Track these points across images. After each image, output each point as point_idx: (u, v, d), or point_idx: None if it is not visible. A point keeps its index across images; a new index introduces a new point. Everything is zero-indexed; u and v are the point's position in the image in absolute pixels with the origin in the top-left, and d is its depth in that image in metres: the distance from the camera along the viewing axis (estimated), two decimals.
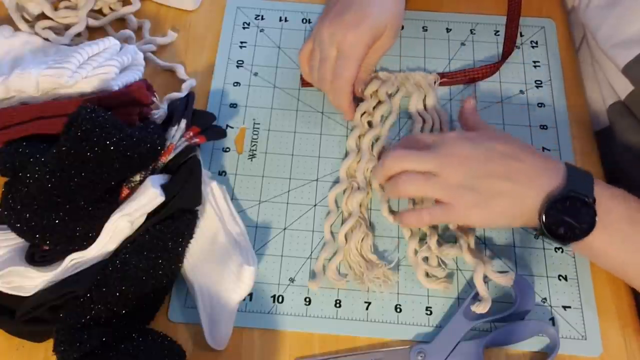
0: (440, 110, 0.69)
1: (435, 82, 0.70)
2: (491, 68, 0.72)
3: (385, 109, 0.68)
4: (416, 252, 0.60)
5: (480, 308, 0.56)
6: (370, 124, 0.67)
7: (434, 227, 0.61)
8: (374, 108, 0.68)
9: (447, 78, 0.71)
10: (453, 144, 0.56)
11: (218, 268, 0.56)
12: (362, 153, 0.65)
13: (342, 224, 0.61)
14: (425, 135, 0.61)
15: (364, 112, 0.68)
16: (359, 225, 0.61)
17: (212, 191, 0.60)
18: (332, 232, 0.62)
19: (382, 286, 0.59)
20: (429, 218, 0.57)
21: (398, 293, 0.59)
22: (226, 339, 0.55)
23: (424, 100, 0.69)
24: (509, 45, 0.73)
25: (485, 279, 0.57)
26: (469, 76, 0.71)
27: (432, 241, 0.60)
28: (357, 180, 0.64)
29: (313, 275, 0.60)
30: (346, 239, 0.61)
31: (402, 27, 0.75)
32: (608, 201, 0.53)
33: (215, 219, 0.59)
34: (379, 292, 0.59)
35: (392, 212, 0.63)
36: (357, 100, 0.68)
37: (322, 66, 0.64)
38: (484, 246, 0.62)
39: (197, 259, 0.57)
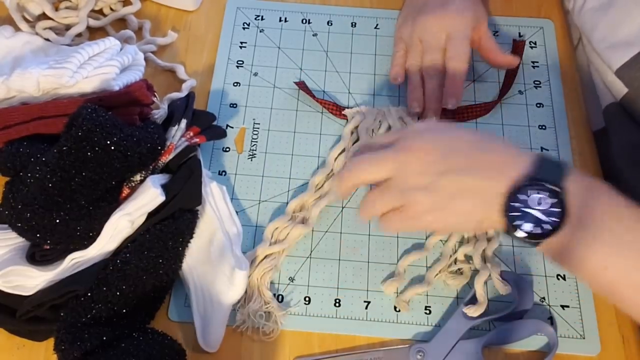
0: None
1: (418, 118, 0.67)
2: (483, 108, 0.69)
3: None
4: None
5: (472, 311, 0.56)
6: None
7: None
8: (352, 144, 0.66)
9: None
10: (413, 137, 0.50)
11: (213, 270, 0.57)
12: (320, 191, 0.64)
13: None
14: (386, 135, 0.54)
15: (343, 150, 0.66)
16: (272, 257, 0.60)
17: (212, 191, 0.60)
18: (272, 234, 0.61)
19: (262, 326, 0.56)
20: (387, 227, 0.51)
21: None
22: (218, 341, 0.55)
23: None
24: (505, 88, 0.71)
25: (486, 280, 0.58)
26: (460, 115, 0.69)
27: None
28: (301, 214, 0.62)
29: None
30: (256, 262, 0.59)
31: None
32: (585, 192, 0.46)
33: (214, 219, 0.59)
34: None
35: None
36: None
37: (430, 53, 0.67)
38: None
39: (194, 259, 0.57)
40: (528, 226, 0.46)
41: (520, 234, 0.46)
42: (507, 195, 0.46)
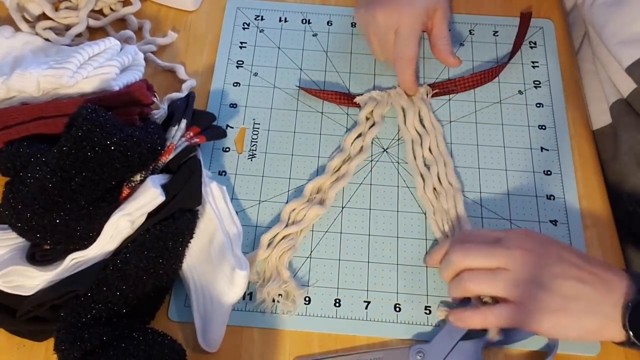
0: (434, 122, 0.68)
1: (427, 95, 0.69)
2: (486, 75, 0.71)
3: (378, 131, 0.67)
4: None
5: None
6: (361, 148, 0.66)
7: None
8: (369, 128, 0.67)
9: (439, 89, 0.70)
10: (522, 239, 0.54)
11: (213, 270, 0.57)
12: (337, 174, 0.65)
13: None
14: (488, 230, 0.58)
15: (359, 135, 0.67)
16: (290, 237, 0.61)
17: (212, 191, 0.60)
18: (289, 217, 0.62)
19: (281, 305, 0.58)
20: (495, 320, 0.53)
21: (397, 292, 0.59)
22: (218, 341, 0.55)
23: (420, 114, 0.68)
24: (515, 48, 0.73)
25: None
26: (462, 85, 0.70)
27: None
28: (318, 196, 0.63)
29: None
30: (274, 243, 0.60)
31: None
32: None
33: (214, 219, 0.59)
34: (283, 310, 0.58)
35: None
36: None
37: (385, 48, 0.67)
38: None
39: (194, 259, 0.58)
40: None
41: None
42: (626, 311, 0.49)
